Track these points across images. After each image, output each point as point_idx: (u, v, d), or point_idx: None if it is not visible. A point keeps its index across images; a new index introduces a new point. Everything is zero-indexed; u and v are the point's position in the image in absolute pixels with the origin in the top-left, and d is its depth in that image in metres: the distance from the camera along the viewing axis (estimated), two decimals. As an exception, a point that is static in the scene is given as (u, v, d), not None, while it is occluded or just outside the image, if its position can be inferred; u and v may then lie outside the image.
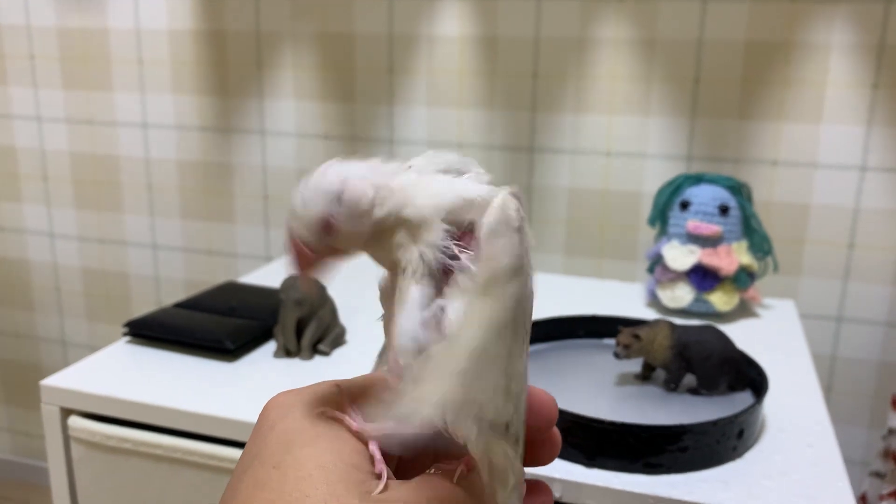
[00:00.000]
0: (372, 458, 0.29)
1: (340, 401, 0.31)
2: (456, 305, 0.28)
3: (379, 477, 0.28)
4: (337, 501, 0.26)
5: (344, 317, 0.95)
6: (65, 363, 1.71)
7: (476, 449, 0.28)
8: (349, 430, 0.28)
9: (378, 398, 0.31)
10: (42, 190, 1.62)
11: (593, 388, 0.81)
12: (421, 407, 0.27)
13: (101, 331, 1.66)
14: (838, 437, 0.76)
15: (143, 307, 1.59)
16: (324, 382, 0.33)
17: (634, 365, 0.84)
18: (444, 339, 0.27)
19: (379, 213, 0.30)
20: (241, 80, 1.42)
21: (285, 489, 0.26)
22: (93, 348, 1.66)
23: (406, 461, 0.33)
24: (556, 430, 0.34)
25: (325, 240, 0.30)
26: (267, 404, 0.31)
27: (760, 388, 0.77)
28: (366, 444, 0.29)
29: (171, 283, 1.57)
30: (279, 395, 0.31)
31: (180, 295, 1.54)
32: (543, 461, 0.34)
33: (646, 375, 0.82)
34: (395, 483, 0.28)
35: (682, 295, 1.05)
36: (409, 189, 0.30)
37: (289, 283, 0.90)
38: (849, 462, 1.23)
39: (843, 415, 1.23)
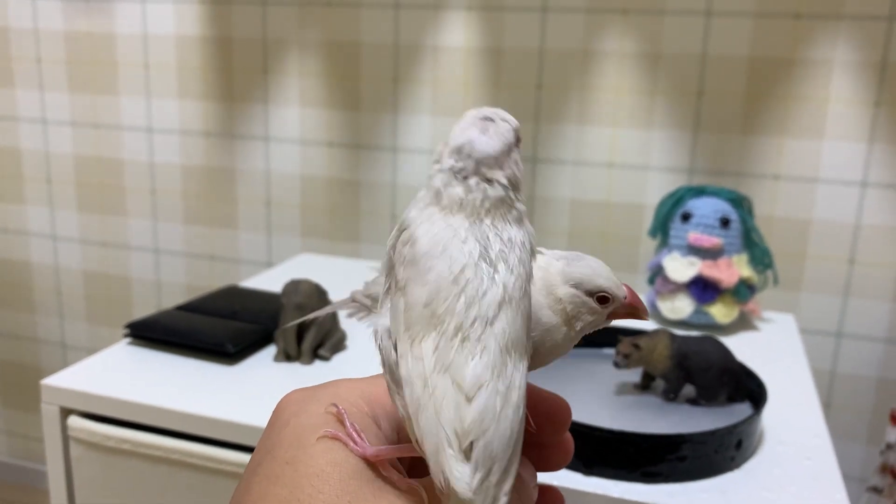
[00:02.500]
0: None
1: (356, 400, 0.31)
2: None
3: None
4: (349, 497, 0.26)
5: (344, 322, 0.95)
6: (64, 366, 1.71)
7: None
8: (353, 452, 0.28)
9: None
10: (45, 192, 1.62)
11: (592, 397, 0.81)
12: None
13: (102, 334, 1.66)
14: (836, 452, 0.76)
15: (143, 311, 1.59)
16: (339, 381, 0.33)
17: (634, 375, 0.85)
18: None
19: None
20: (246, 86, 1.43)
21: (298, 485, 0.27)
22: (92, 351, 1.66)
23: (416, 461, 0.33)
24: (568, 436, 0.34)
25: None
26: (281, 401, 0.31)
27: (759, 399, 0.77)
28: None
29: (172, 288, 1.58)
30: (293, 392, 0.32)
31: (181, 299, 1.55)
32: (554, 466, 0.34)
33: (645, 385, 0.83)
34: (406, 481, 0.28)
35: (682, 306, 1.05)
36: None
37: (290, 287, 0.91)
38: (847, 478, 1.23)
39: (841, 430, 1.23)
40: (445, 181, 0.30)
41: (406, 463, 0.32)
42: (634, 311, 0.36)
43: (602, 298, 0.35)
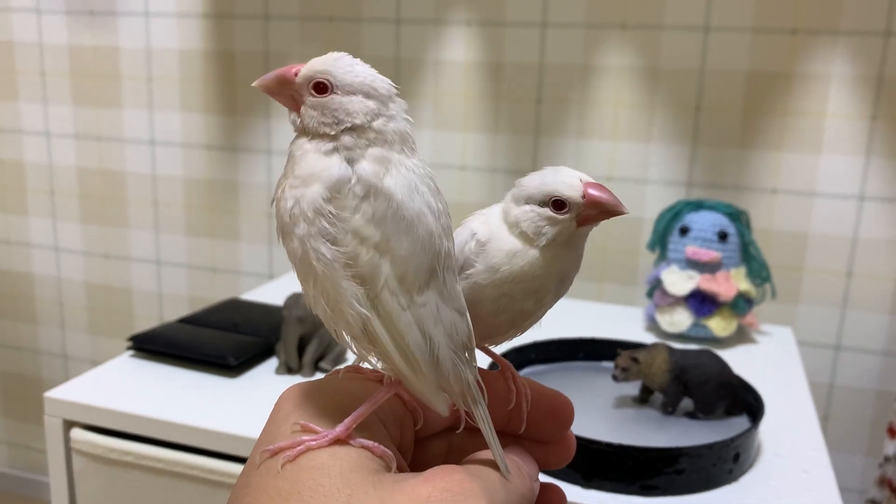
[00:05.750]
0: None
1: (356, 393, 0.32)
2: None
3: (389, 468, 0.29)
4: (350, 490, 0.26)
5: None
6: (66, 377, 1.71)
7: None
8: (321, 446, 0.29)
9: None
10: (48, 204, 1.63)
11: (591, 410, 0.82)
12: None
13: (103, 345, 1.67)
14: (835, 465, 0.77)
15: (145, 323, 1.60)
16: (339, 371, 0.33)
17: (632, 388, 0.85)
18: None
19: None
20: (248, 99, 1.44)
21: (299, 478, 0.27)
22: (94, 363, 1.67)
23: (420, 458, 0.34)
24: (570, 434, 0.35)
25: (307, 92, 0.31)
26: (281, 396, 0.32)
27: (757, 412, 0.77)
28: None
29: (174, 300, 1.58)
30: (293, 386, 0.32)
31: (183, 311, 1.55)
32: (556, 464, 0.35)
33: (644, 398, 0.83)
34: (408, 474, 0.28)
35: (680, 320, 1.05)
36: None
37: (292, 300, 0.91)
38: (846, 490, 1.23)
39: (840, 443, 1.23)
40: (408, 124, 0.31)
41: (408, 458, 0.33)
42: (601, 207, 0.33)
43: (556, 204, 0.33)
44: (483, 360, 0.41)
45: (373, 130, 0.30)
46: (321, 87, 0.31)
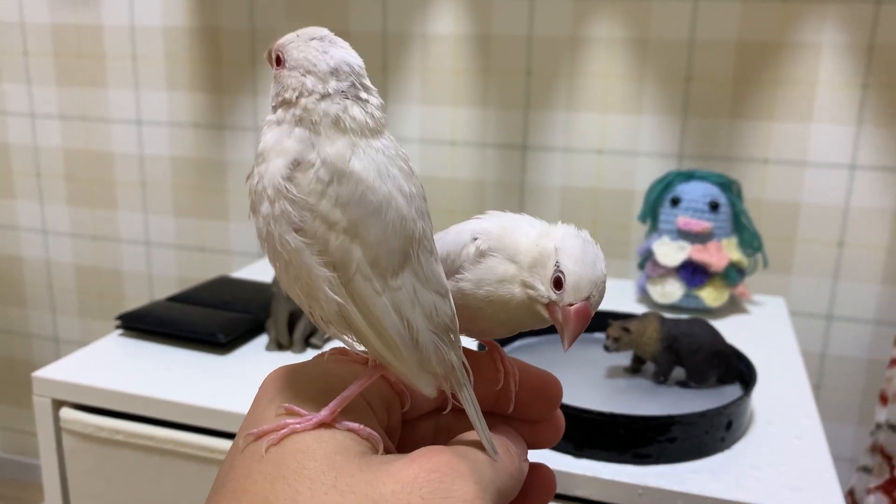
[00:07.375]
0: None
1: (342, 375, 0.31)
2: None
3: (376, 450, 0.28)
4: (335, 472, 0.26)
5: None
6: (57, 360, 1.70)
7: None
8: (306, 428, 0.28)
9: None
10: (35, 186, 1.61)
11: (584, 380, 0.82)
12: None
13: (94, 327, 1.66)
14: (827, 434, 0.77)
15: (135, 304, 1.59)
16: (324, 354, 0.33)
17: (624, 358, 0.85)
18: None
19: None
20: (235, 77, 1.42)
21: (283, 462, 0.26)
22: (85, 345, 1.66)
23: (408, 439, 0.33)
24: (559, 413, 0.35)
25: (272, 63, 0.32)
26: (266, 379, 0.31)
27: (749, 380, 0.77)
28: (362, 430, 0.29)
29: (163, 280, 1.57)
30: (278, 369, 0.32)
31: (173, 292, 1.54)
32: (544, 444, 0.34)
33: (636, 368, 0.83)
34: (394, 455, 0.28)
35: (672, 290, 1.05)
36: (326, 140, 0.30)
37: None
38: (838, 459, 1.24)
39: (832, 412, 1.24)
40: (342, 106, 0.30)
41: (396, 440, 0.32)
42: (566, 323, 0.32)
43: (558, 281, 0.32)
44: (471, 342, 0.40)
45: (299, 107, 0.30)
46: (278, 60, 0.32)
